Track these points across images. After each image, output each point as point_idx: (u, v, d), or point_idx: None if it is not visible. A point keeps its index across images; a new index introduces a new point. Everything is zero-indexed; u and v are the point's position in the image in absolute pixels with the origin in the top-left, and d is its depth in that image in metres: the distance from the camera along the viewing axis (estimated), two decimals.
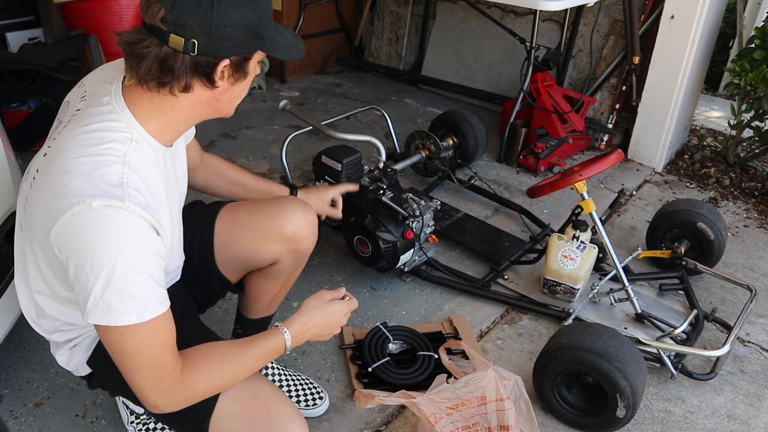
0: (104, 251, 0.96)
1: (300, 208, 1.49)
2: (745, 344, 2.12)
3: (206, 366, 1.10)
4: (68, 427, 1.64)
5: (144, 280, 0.99)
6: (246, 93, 1.15)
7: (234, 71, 1.06)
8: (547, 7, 2.74)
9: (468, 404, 1.59)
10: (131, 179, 1.01)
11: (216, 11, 0.98)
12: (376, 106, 2.87)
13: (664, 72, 3.11)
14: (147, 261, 1.00)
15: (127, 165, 1.02)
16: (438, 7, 4.12)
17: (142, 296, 0.98)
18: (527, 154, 3.15)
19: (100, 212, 0.95)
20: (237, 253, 1.48)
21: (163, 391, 1.06)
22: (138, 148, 1.06)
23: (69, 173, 0.98)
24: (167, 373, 1.05)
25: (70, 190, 0.97)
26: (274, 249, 1.47)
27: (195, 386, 1.08)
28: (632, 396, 1.59)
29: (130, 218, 0.98)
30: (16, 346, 1.88)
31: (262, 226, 1.46)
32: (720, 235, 2.29)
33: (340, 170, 2.14)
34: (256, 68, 1.11)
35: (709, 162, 3.40)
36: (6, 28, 3.43)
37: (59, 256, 1.00)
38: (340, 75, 4.48)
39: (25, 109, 2.95)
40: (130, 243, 0.97)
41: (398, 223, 2.11)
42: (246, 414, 1.16)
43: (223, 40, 1.00)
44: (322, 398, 1.73)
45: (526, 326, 2.12)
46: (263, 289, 1.60)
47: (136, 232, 0.99)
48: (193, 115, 1.11)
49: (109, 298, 0.97)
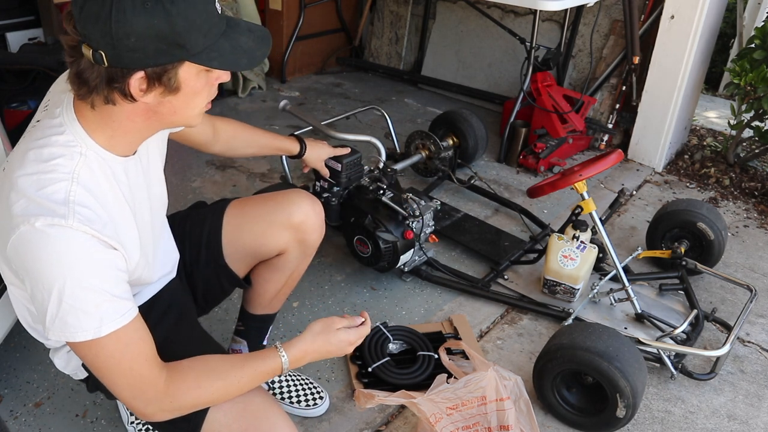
0: (52, 270, 0.95)
1: (307, 198, 1.51)
2: (745, 344, 2.12)
3: (195, 380, 1.09)
4: (68, 427, 1.64)
5: (97, 297, 0.97)
6: (201, 105, 1.06)
7: (153, 84, 0.97)
8: (547, 7, 2.74)
9: (468, 404, 1.59)
10: (78, 196, 0.98)
11: (114, 20, 0.89)
12: (376, 106, 2.87)
13: (664, 72, 3.11)
14: (99, 277, 0.98)
15: (75, 181, 0.99)
16: (438, 7, 4.12)
17: (97, 312, 0.97)
18: (527, 154, 3.15)
19: (44, 232, 0.94)
20: (245, 244, 1.49)
21: (146, 401, 1.06)
22: (88, 161, 1.02)
23: (16, 191, 0.97)
24: (148, 385, 1.05)
25: (15, 209, 0.96)
26: (282, 238, 1.48)
27: (181, 399, 1.07)
28: (632, 396, 1.59)
29: (76, 236, 0.96)
30: (16, 346, 1.88)
31: (270, 215, 1.48)
32: (720, 235, 2.29)
33: (340, 170, 2.14)
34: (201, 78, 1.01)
35: (709, 162, 3.40)
36: (6, 28, 3.43)
37: (16, 274, 1.01)
38: (340, 75, 4.48)
39: (25, 109, 2.95)
40: (77, 261, 0.96)
41: (398, 223, 2.11)
42: (237, 426, 1.15)
43: (130, 51, 0.92)
44: (323, 398, 1.73)
45: (526, 326, 2.12)
46: (268, 281, 1.60)
47: (83, 249, 0.96)
48: (137, 128, 1.05)
49: (64, 315, 0.96)
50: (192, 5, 0.93)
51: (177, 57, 0.95)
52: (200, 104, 1.06)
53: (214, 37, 0.98)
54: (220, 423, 1.16)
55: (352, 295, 2.19)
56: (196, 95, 1.03)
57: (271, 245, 1.50)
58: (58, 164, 1.00)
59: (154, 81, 0.96)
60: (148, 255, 1.23)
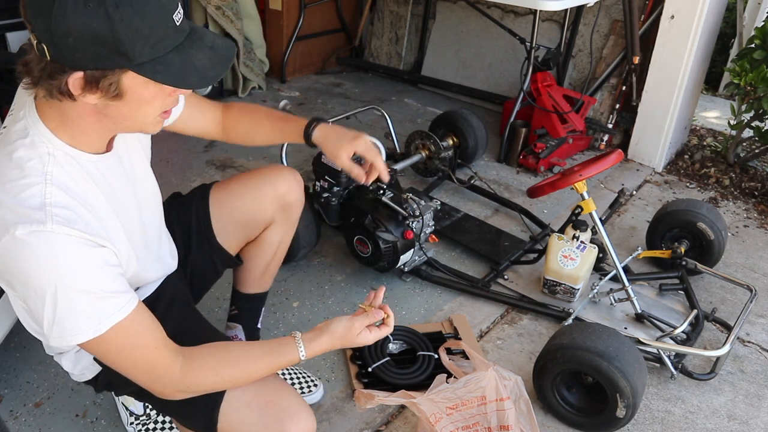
0: (41, 278, 0.94)
1: (288, 170, 1.60)
2: (745, 344, 2.12)
3: (212, 368, 1.11)
4: (68, 427, 1.64)
5: (90, 297, 0.97)
6: (153, 114, 1.02)
7: (92, 87, 0.92)
8: (547, 7, 2.74)
9: (468, 404, 1.59)
10: (54, 197, 0.97)
11: (55, 15, 0.86)
12: (376, 106, 2.87)
13: (664, 72, 3.11)
14: (89, 277, 0.97)
15: (49, 183, 0.97)
16: (438, 7, 4.12)
17: (93, 311, 0.97)
18: (527, 154, 3.15)
19: (24, 241, 0.92)
20: (235, 220, 1.54)
21: (163, 385, 1.09)
22: (58, 161, 1.00)
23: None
24: (163, 371, 1.07)
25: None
26: (269, 209, 1.55)
27: (197, 385, 1.11)
28: (632, 396, 1.59)
29: (59, 239, 0.94)
30: (16, 346, 1.88)
31: (256, 189, 1.54)
32: (720, 235, 2.29)
33: (341, 170, 2.14)
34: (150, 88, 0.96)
35: (709, 162, 3.40)
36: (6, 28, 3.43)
37: (8, 285, 1.01)
38: (340, 75, 4.48)
39: None
40: (64, 265, 0.95)
41: (398, 223, 2.11)
42: (256, 403, 1.17)
43: (70, 50, 0.88)
44: (317, 385, 1.75)
45: (526, 326, 2.12)
46: (258, 256, 1.65)
47: (68, 252, 0.95)
48: (92, 128, 1.03)
49: (61, 321, 0.96)
50: (139, 14, 0.89)
51: (118, 64, 0.91)
52: (152, 113, 1.02)
53: (163, 49, 0.93)
54: (240, 401, 1.18)
55: (352, 295, 2.19)
56: (144, 104, 0.99)
57: (259, 217, 1.56)
58: (29, 168, 0.98)
59: (93, 84, 0.92)
60: (139, 253, 1.22)
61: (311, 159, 2.30)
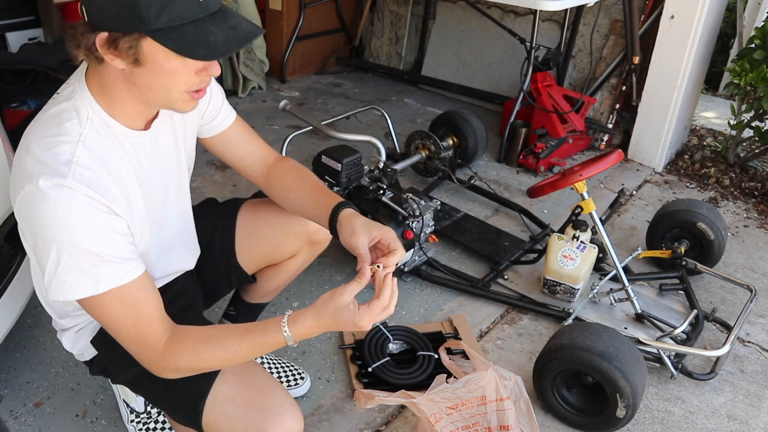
0: (50, 230, 0.99)
1: None
2: (745, 344, 2.12)
3: (192, 344, 1.09)
4: (68, 427, 1.64)
5: (94, 258, 1.00)
6: (177, 89, 1.04)
7: (113, 48, 0.97)
8: (547, 7, 2.74)
9: (468, 404, 1.59)
10: (82, 158, 1.02)
11: None
12: (376, 106, 2.87)
13: (664, 72, 3.11)
14: (95, 239, 1.00)
15: (80, 144, 1.03)
16: (438, 7, 4.12)
17: (95, 270, 1.01)
18: (527, 154, 3.15)
19: (44, 192, 0.98)
20: (261, 249, 1.53)
21: (148, 358, 1.10)
22: (95, 126, 1.06)
23: (27, 153, 1.02)
24: (150, 344, 1.08)
25: (23, 169, 1.01)
26: (296, 244, 1.54)
27: (177, 361, 1.09)
28: (632, 396, 1.59)
29: (75, 197, 0.99)
30: (16, 346, 1.88)
31: (287, 224, 1.51)
32: (720, 235, 2.29)
33: (340, 170, 2.14)
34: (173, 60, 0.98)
35: (709, 162, 3.40)
36: (6, 28, 3.43)
37: (23, 234, 1.06)
38: (340, 75, 4.48)
39: (25, 109, 2.95)
40: (74, 222, 0.99)
41: (398, 223, 2.11)
42: (241, 399, 1.17)
43: (97, 11, 0.96)
44: (304, 378, 1.76)
45: (526, 326, 2.12)
46: (273, 279, 1.65)
47: (80, 211, 0.99)
48: (124, 96, 1.06)
49: (63, 274, 1.00)
50: None
51: (134, 27, 0.95)
52: (176, 88, 1.03)
53: (180, 20, 0.96)
54: (225, 395, 1.18)
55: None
56: (165, 76, 1.01)
57: (285, 251, 1.55)
58: (66, 127, 1.04)
59: (113, 45, 0.97)
60: (155, 237, 1.23)
61: (311, 159, 2.30)
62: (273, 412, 1.15)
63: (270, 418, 1.14)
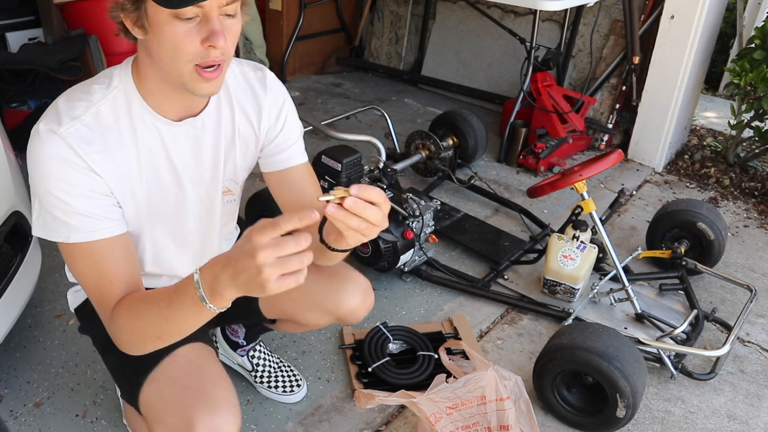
0: (33, 169, 1.06)
1: (361, 291, 1.40)
2: (745, 344, 2.12)
3: (129, 304, 1.06)
4: (68, 427, 1.64)
5: (64, 206, 1.05)
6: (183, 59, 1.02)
7: (124, 8, 1.00)
8: (547, 7, 2.74)
9: (468, 404, 1.59)
10: (88, 118, 1.07)
11: None
12: (376, 106, 2.87)
13: (664, 72, 3.11)
14: (66, 189, 1.04)
15: (95, 106, 1.08)
16: (438, 7, 4.12)
17: (65, 219, 1.06)
18: (527, 154, 3.15)
19: (39, 133, 1.05)
20: (285, 310, 1.45)
21: (103, 317, 1.11)
22: (117, 97, 1.10)
23: (57, 101, 1.10)
24: (104, 303, 1.09)
25: (45, 112, 1.09)
26: (322, 320, 1.43)
27: (119, 321, 1.06)
28: (632, 396, 1.59)
29: (59, 145, 1.04)
30: (16, 346, 1.88)
31: (318, 298, 1.38)
32: (720, 235, 2.29)
33: (340, 170, 2.14)
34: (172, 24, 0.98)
35: (709, 162, 3.40)
36: (6, 28, 3.42)
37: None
38: (340, 75, 4.48)
39: (25, 109, 2.95)
40: (49, 167, 1.04)
41: (398, 223, 2.11)
42: (182, 383, 1.14)
43: None
44: (300, 386, 1.76)
45: (526, 326, 2.12)
46: (290, 328, 1.59)
47: (59, 159, 1.04)
48: (150, 73, 1.09)
49: (43, 214, 1.07)
50: None
51: None
52: (181, 58, 1.02)
53: None
54: (168, 375, 1.15)
55: None
56: (169, 41, 1.00)
57: (310, 322, 1.44)
58: (93, 89, 1.11)
59: (123, 8, 1.01)
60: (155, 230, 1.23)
61: (311, 159, 2.30)
62: (208, 403, 1.09)
63: (202, 408, 1.08)
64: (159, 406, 1.14)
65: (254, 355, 1.76)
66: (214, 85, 1.07)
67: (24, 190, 1.80)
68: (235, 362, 1.79)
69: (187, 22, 0.99)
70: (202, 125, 1.20)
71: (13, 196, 1.70)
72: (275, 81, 1.31)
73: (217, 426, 1.07)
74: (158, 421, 1.13)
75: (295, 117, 1.34)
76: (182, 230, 1.29)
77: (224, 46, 1.02)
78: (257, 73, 1.28)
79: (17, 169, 1.81)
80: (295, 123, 1.34)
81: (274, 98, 1.29)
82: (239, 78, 1.26)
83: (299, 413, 1.72)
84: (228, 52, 1.06)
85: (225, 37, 1.01)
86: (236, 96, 1.25)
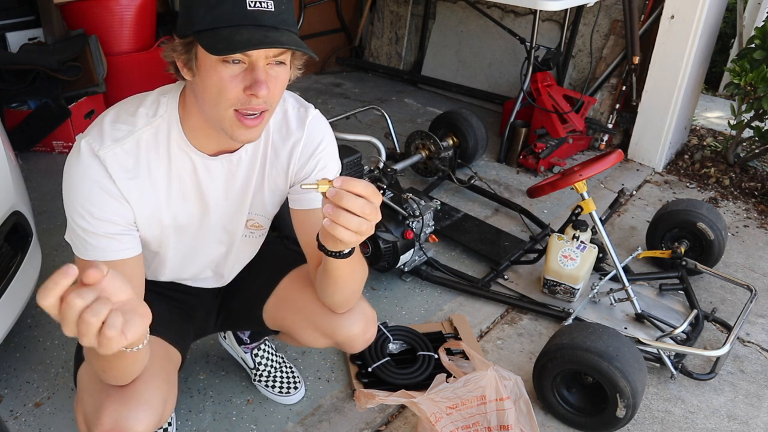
0: (67, 181, 1.10)
1: (362, 320, 1.37)
2: (745, 344, 2.12)
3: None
4: (68, 427, 1.64)
5: (85, 224, 1.09)
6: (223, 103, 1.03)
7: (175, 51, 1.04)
8: (547, 7, 2.74)
9: (468, 404, 1.59)
10: (128, 144, 1.11)
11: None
12: (376, 106, 2.87)
13: (664, 72, 3.11)
14: (90, 211, 1.08)
15: (137, 133, 1.11)
16: (438, 7, 4.12)
17: (83, 235, 1.10)
18: (527, 154, 3.15)
19: (80, 148, 1.09)
20: (285, 325, 1.45)
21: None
22: (160, 127, 1.13)
23: (106, 114, 1.13)
24: None
25: (93, 123, 1.13)
26: (319, 342, 1.41)
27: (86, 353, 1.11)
28: (632, 396, 1.59)
29: (96, 167, 1.08)
30: (16, 346, 1.88)
31: (318, 319, 1.36)
32: (720, 235, 2.29)
33: (340, 170, 2.14)
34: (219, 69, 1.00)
35: (709, 162, 3.40)
36: (6, 28, 3.42)
37: None
38: (340, 75, 4.48)
39: (25, 109, 2.95)
40: (82, 186, 1.08)
41: (398, 223, 2.11)
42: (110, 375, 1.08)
43: (180, 18, 1.04)
44: (297, 388, 1.76)
45: (526, 326, 2.12)
46: (286, 338, 1.58)
47: (92, 180, 1.08)
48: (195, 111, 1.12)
49: (70, 223, 1.12)
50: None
51: (187, 29, 1.01)
52: (222, 102, 1.03)
53: (224, 22, 0.97)
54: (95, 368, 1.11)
55: None
56: (214, 85, 1.02)
57: (308, 342, 1.42)
58: (139, 113, 1.13)
59: (175, 50, 1.04)
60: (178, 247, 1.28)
61: None
62: (124, 395, 1.08)
63: (116, 398, 1.07)
64: (85, 385, 1.16)
65: (258, 354, 1.77)
66: (254, 132, 1.08)
67: (24, 190, 1.80)
68: (239, 356, 1.80)
69: (233, 67, 1.01)
70: (237, 161, 1.22)
71: (13, 196, 1.70)
72: (316, 121, 1.28)
73: (123, 418, 1.06)
74: (80, 399, 1.15)
75: (332, 160, 1.29)
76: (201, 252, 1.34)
77: (266, 96, 1.02)
78: (299, 110, 1.27)
79: (17, 169, 1.81)
80: (331, 166, 1.29)
81: (309, 139, 1.25)
82: (278, 114, 1.25)
83: (299, 413, 1.72)
84: (271, 101, 1.05)
85: (268, 87, 1.02)
86: (273, 131, 1.24)
